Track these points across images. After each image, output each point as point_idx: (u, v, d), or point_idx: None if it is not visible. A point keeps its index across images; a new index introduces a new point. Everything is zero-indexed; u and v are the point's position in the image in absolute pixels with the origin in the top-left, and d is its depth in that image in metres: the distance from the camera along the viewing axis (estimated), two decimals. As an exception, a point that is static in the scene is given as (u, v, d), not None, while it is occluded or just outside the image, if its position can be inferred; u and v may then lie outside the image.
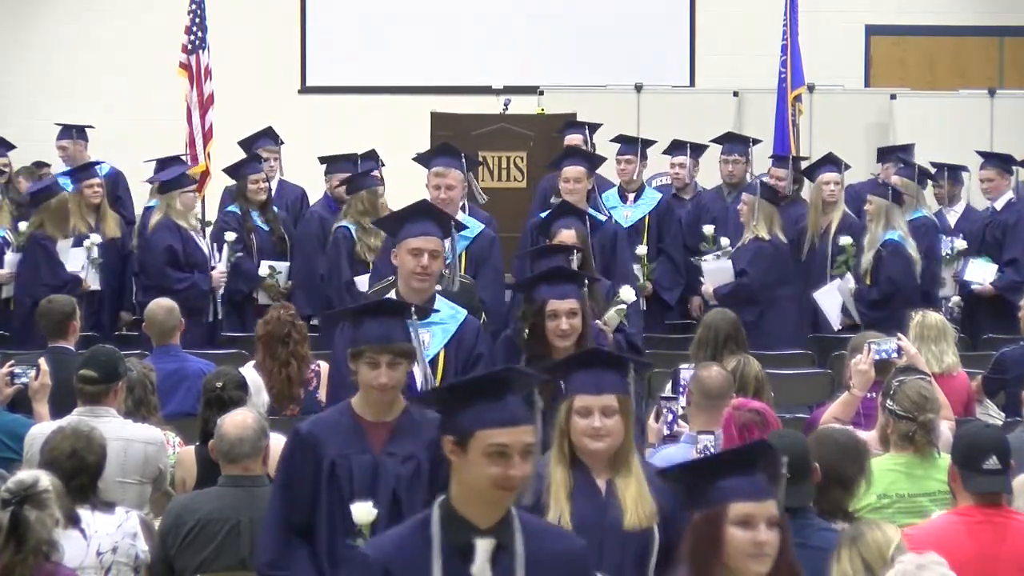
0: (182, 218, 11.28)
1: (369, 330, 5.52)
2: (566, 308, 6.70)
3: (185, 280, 11.09)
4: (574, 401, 5.13)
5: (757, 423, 6.05)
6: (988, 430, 5.82)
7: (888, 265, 10.99)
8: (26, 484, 4.87)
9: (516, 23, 17.47)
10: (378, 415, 5.51)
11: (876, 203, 11.07)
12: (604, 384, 5.14)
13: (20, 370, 7.87)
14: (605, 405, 5.11)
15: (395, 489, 5.43)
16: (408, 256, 6.70)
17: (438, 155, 9.18)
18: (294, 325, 8.54)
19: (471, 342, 6.85)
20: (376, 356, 5.46)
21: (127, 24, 17.31)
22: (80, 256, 11.53)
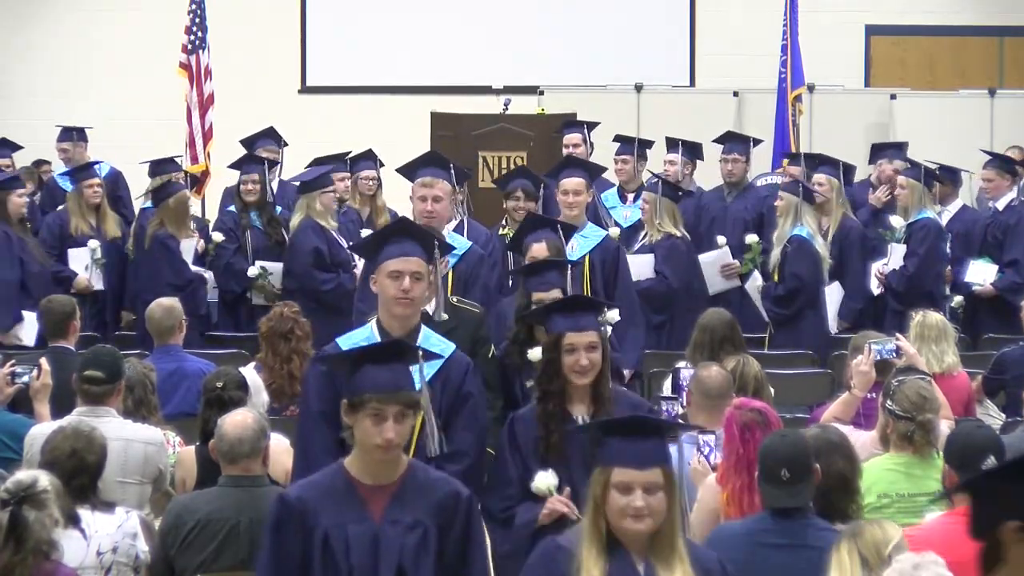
0: (323, 218, 11.18)
1: (373, 376, 4.77)
2: (585, 342, 5.99)
3: (331, 280, 11.05)
4: (612, 474, 4.51)
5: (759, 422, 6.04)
6: (982, 430, 5.81)
7: (793, 261, 10.96)
8: (25, 484, 4.87)
9: (516, 23, 17.48)
10: (378, 477, 4.80)
11: (786, 199, 11.05)
12: (648, 456, 4.53)
13: (21, 370, 7.87)
14: (649, 481, 4.50)
15: (400, 562, 4.76)
16: (387, 280, 5.98)
17: (424, 165, 8.61)
18: (297, 322, 8.58)
19: (458, 380, 6.04)
20: (382, 407, 4.72)
21: (127, 24, 17.31)
22: (83, 257, 11.57)
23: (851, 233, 11.52)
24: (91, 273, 11.59)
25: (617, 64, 16.88)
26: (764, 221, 11.86)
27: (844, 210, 11.60)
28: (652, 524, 4.51)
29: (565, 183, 9.72)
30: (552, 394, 6.02)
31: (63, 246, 11.70)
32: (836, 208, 11.54)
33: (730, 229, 11.92)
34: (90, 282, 11.60)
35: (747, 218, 11.98)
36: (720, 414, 6.42)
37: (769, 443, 5.66)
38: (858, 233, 11.57)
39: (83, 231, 11.68)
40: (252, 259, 11.52)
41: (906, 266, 11.46)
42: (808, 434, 5.93)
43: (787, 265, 10.97)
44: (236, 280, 11.56)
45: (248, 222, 11.68)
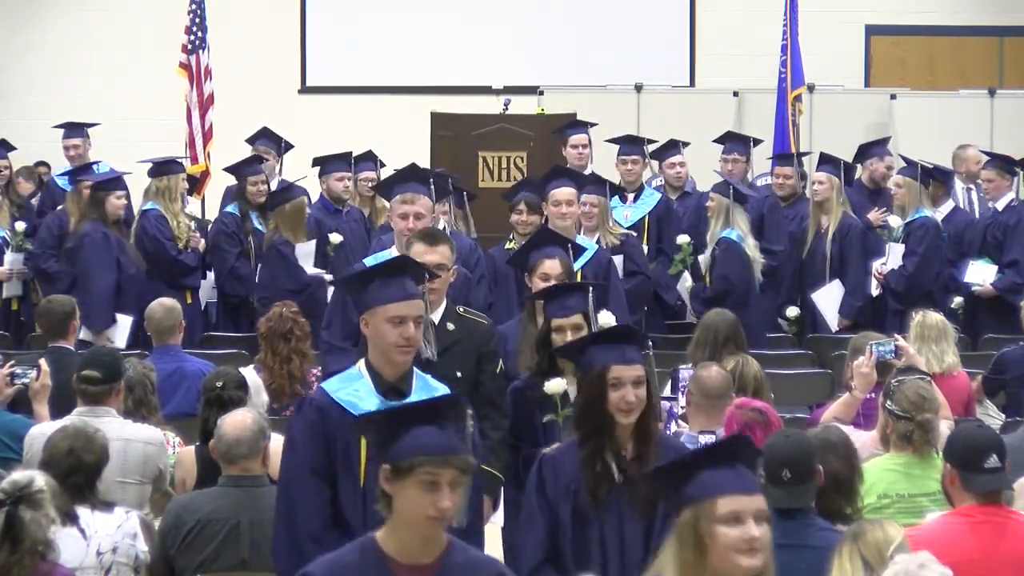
0: None
1: (424, 438, 4.13)
2: (632, 376, 5.39)
3: None
4: (716, 506, 3.98)
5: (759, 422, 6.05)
6: (982, 430, 5.80)
7: (722, 264, 10.94)
8: (20, 484, 4.87)
9: (516, 23, 17.47)
10: (416, 555, 4.15)
11: (717, 200, 11.01)
12: (752, 482, 4.06)
13: (21, 370, 7.87)
14: (759, 509, 4.00)
15: None
16: (387, 325, 5.46)
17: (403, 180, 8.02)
18: (296, 322, 8.58)
19: None
20: (436, 472, 4.10)
21: (127, 24, 17.31)
22: None
23: (851, 231, 11.51)
24: None
25: (617, 64, 16.87)
26: (764, 221, 11.86)
27: (844, 208, 11.60)
28: (763, 559, 4.00)
29: (556, 193, 9.30)
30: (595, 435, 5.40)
31: (62, 247, 11.69)
32: (836, 207, 11.54)
33: None
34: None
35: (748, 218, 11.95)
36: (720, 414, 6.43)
37: (772, 443, 5.66)
38: (858, 231, 11.56)
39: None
40: (255, 262, 11.53)
41: (905, 266, 11.45)
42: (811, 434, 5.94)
43: (716, 267, 10.96)
44: (242, 285, 11.55)
45: (251, 224, 11.69)
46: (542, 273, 7.50)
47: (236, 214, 11.76)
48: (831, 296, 11.42)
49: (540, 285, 7.37)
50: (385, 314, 5.44)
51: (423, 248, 6.73)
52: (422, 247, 6.74)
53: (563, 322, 6.65)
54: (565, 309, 6.70)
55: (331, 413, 5.46)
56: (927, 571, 4.23)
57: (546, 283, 7.35)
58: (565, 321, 6.65)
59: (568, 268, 7.60)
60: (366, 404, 5.40)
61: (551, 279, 7.41)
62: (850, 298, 11.47)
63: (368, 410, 5.22)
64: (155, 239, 11.56)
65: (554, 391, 6.53)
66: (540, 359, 6.74)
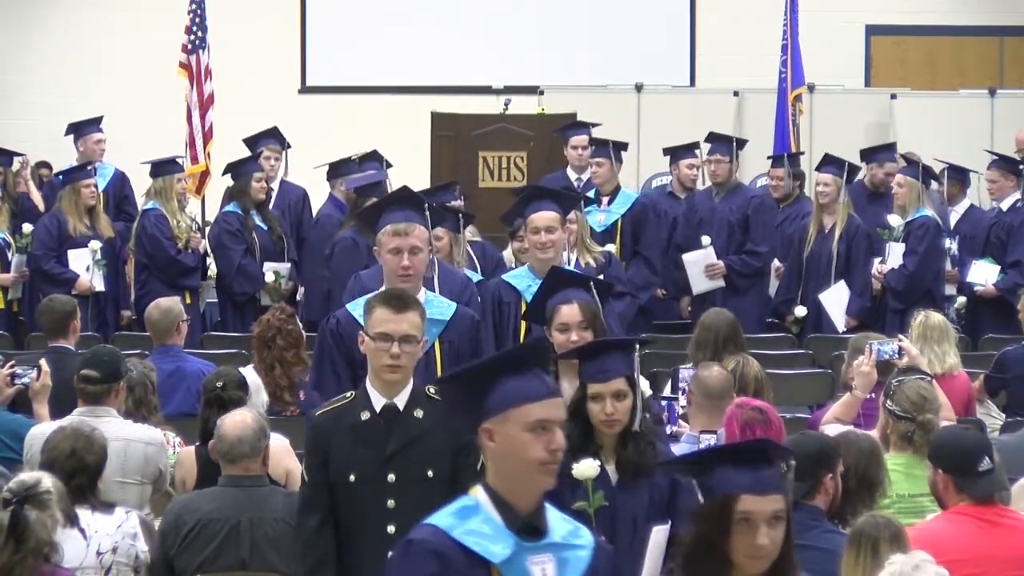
0: None
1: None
2: (769, 511, 3.98)
3: None
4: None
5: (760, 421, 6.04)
6: (969, 433, 5.82)
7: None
8: (28, 484, 4.88)
9: (516, 23, 17.47)
10: None
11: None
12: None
13: (21, 371, 7.87)
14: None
15: None
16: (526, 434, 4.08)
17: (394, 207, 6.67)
18: (280, 330, 8.48)
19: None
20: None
21: (127, 24, 17.30)
22: (85, 258, 11.58)
23: (858, 232, 11.51)
24: (92, 274, 11.61)
25: (617, 64, 16.87)
26: (749, 222, 11.85)
27: (849, 209, 11.59)
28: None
29: (535, 219, 7.86)
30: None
31: (61, 247, 11.69)
32: (841, 207, 11.54)
33: (716, 230, 11.90)
34: (92, 283, 11.61)
35: (732, 219, 11.94)
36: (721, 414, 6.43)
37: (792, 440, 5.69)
38: (864, 231, 11.55)
39: (81, 232, 11.68)
40: (260, 260, 11.56)
41: (905, 265, 11.45)
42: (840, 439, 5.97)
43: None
44: (249, 282, 11.58)
45: (253, 222, 11.70)
46: (559, 323, 6.44)
47: (239, 212, 11.76)
48: (838, 297, 11.43)
49: (559, 339, 6.36)
50: (525, 418, 3.88)
51: (387, 315, 5.42)
52: (386, 314, 5.43)
53: (601, 388, 5.53)
54: (604, 372, 5.57)
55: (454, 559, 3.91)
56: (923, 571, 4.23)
57: (564, 334, 6.37)
58: (604, 388, 5.53)
59: (592, 313, 6.49)
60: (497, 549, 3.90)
61: (570, 329, 6.42)
62: (859, 299, 11.47)
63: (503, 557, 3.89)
64: (154, 238, 11.58)
65: (585, 475, 5.41)
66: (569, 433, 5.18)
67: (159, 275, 11.64)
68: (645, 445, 5.53)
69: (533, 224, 7.87)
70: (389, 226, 6.47)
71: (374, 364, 5.43)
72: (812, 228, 11.64)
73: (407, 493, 5.32)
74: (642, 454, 5.51)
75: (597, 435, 5.52)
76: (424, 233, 6.50)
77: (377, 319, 5.44)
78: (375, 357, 5.42)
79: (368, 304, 5.58)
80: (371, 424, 5.40)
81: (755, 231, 11.84)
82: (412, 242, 6.42)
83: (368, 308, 5.54)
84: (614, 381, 5.53)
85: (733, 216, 11.92)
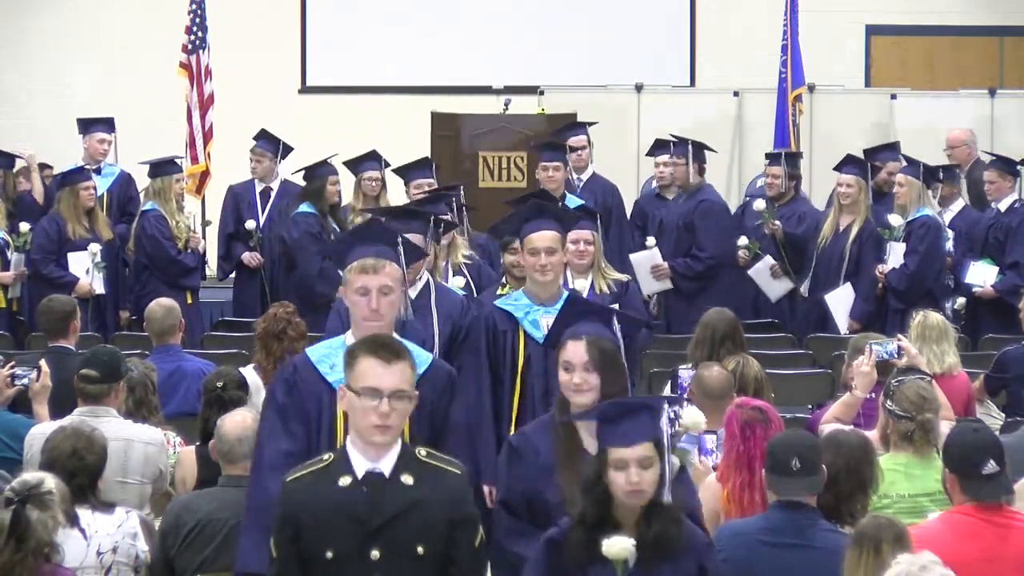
0: None
1: None
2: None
3: None
4: None
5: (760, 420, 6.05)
6: (978, 433, 5.80)
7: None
8: (30, 484, 4.89)
9: (516, 23, 17.46)
10: None
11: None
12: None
13: (21, 371, 7.87)
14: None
15: None
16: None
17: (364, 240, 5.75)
18: (290, 323, 8.54)
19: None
20: None
21: (127, 24, 17.30)
22: (84, 260, 11.59)
23: (871, 236, 11.52)
24: (92, 277, 11.62)
25: (617, 64, 16.86)
26: (695, 226, 11.84)
27: (868, 212, 11.59)
28: None
29: (534, 239, 7.20)
30: None
31: (61, 250, 11.69)
32: (863, 209, 11.55)
33: (667, 231, 11.92)
34: (91, 286, 11.62)
35: (681, 223, 11.92)
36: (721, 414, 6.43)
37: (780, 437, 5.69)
38: (875, 236, 11.56)
39: (80, 234, 11.69)
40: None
41: (907, 264, 11.46)
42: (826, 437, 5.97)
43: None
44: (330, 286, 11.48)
45: (330, 224, 11.74)
46: (563, 360, 5.60)
47: (316, 214, 11.75)
48: (843, 298, 11.45)
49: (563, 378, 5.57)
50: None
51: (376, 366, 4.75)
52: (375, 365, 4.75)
53: (626, 455, 4.89)
54: (628, 436, 4.91)
55: None
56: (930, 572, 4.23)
57: (567, 373, 5.54)
58: (628, 453, 4.89)
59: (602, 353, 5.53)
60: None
61: (574, 369, 5.53)
62: (863, 302, 11.47)
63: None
64: (154, 239, 11.60)
65: (618, 556, 4.84)
66: (588, 505, 4.93)
67: (159, 275, 11.66)
68: (671, 521, 4.92)
69: (531, 244, 7.19)
70: (356, 262, 5.57)
71: (359, 423, 4.74)
72: (828, 227, 11.64)
73: (393, 572, 4.70)
74: (667, 531, 4.89)
75: (616, 508, 4.88)
76: (396, 271, 5.60)
77: (363, 371, 4.75)
78: (361, 416, 4.73)
79: (351, 353, 4.84)
80: (352, 492, 4.71)
81: (700, 235, 11.88)
82: (382, 280, 5.52)
83: (351, 358, 4.81)
84: (640, 446, 4.88)
85: (683, 219, 11.91)
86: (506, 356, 7.23)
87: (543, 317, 7.11)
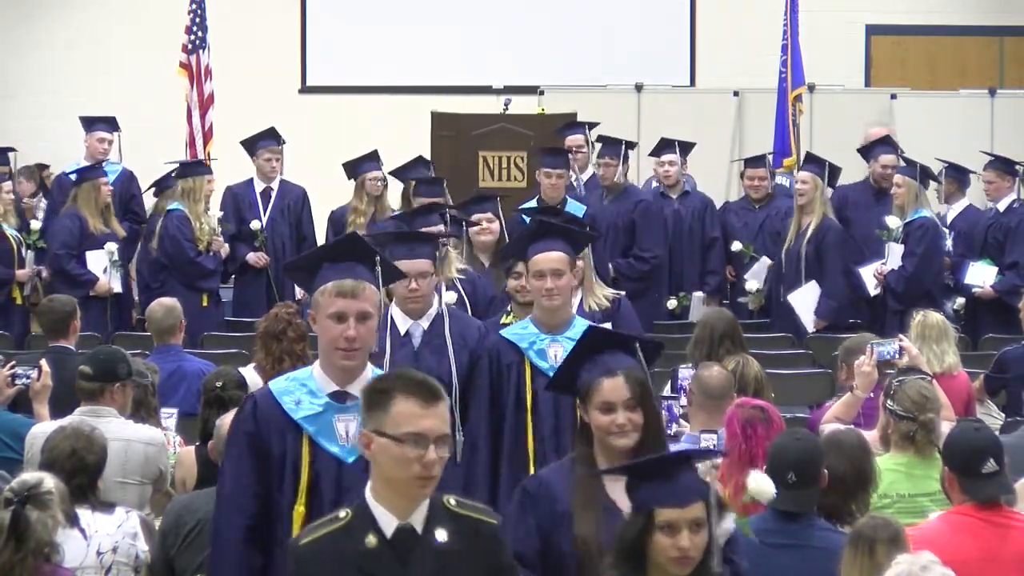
0: None
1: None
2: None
3: None
4: None
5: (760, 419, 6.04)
6: (979, 433, 5.80)
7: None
8: (29, 484, 4.89)
9: (516, 23, 17.46)
10: None
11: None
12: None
13: (22, 371, 7.87)
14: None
15: None
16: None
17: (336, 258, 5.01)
18: (291, 323, 8.53)
19: None
20: None
21: (127, 24, 17.30)
22: (102, 259, 11.59)
23: (828, 234, 11.53)
24: (109, 276, 11.63)
25: (617, 64, 16.86)
26: (636, 227, 11.83)
27: (825, 210, 11.59)
28: None
29: (539, 261, 6.67)
30: None
31: (82, 246, 11.69)
32: (818, 207, 11.55)
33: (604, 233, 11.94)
34: (110, 285, 11.63)
35: (619, 223, 11.91)
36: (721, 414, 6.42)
37: (780, 443, 5.68)
38: (836, 233, 11.57)
39: (100, 230, 11.71)
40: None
41: (904, 266, 11.47)
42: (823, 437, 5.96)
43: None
44: None
45: None
46: (602, 402, 4.98)
47: None
48: (807, 297, 11.47)
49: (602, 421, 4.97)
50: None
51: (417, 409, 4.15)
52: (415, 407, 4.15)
53: (677, 516, 4.35)
54: (680, 495, 4.38)
55: None
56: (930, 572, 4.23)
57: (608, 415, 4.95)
58: (680, 515, 4.35)
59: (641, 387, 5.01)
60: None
61: (616, 409, 4.94)
62: (827, 299, 11.50)
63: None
64: (175, 239, 11.62)
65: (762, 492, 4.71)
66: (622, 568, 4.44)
67: (178, 276, 11.67)
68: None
69: (537, 267, 6.64)
70: (331, 284, 4.89)
71: (396, 475, 4.14)
72: (792, 228, 11.67)
73: None
74: None
75: None
76: (375, 295, 4.93)
77: (403, 414, 4.14)
78: (400, 466, 4.12)
79: (382, 392, 4.20)
80: (380, 554, 4.15)
81: (642, 235, 11.86)
82: (361, 306, 4.85)
83: (381, 397, 4.18)
84: (695, 505, 4.33)
85: (620, 220, 11.90)
86: (510, 389, 6.73)
87: (551, 346, 6.66)
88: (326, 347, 4.90)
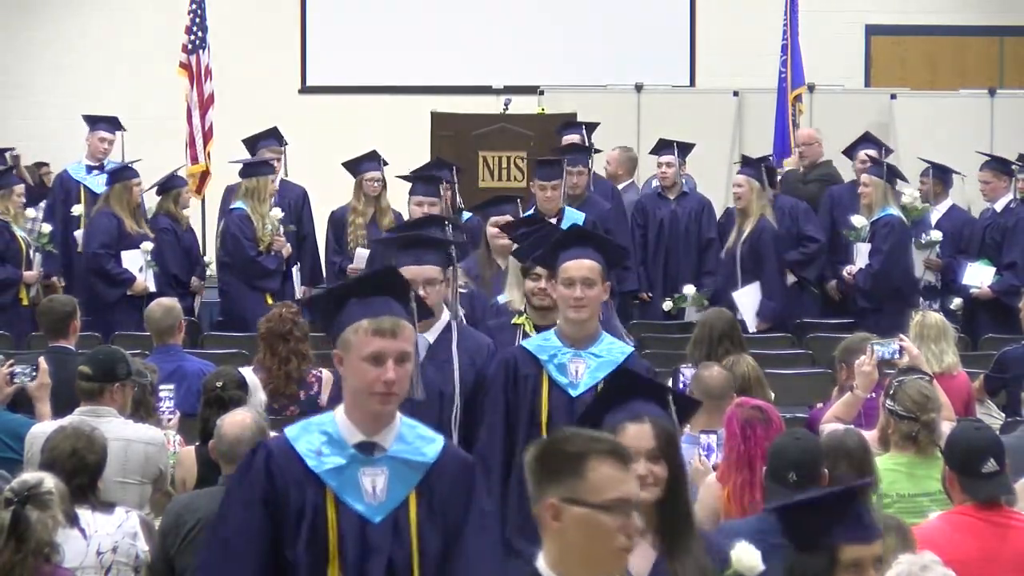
0: None
1: None
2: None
3: None
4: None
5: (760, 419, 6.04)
6: (980, 432, 5.80)
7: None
8: (29, 484, 4.89)
9: (516, 23, 17.48)
10: None
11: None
12: None
13: (20, 369, 7.87)
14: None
15: None
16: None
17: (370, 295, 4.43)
18: (295, 323, 8.55)
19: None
20: None
21: (127, 24, 17.31)
22: (138, 259, 11.60)
23: (764, 234, 11.54)
24: (145, 275, 11.65)
25: (617, 64, 16.88)
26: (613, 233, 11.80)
27: (763, 211, 11.58)
28: None
29: (570, 268, 6.29)
30: None
31: (118, 247, 11.69)
32: (755, 210, 11.55)
33: None
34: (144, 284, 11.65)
35: None
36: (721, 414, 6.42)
37: (781, 443, 5.67)
38: (772, 234, 11.58)
39: (135, 230, 11.72)
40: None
41: (871, 264, 11.51)
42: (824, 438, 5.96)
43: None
44: None
45: None
46: None
47: None
48: (750, 297, 11.49)
49: None
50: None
51: (619, 471, 3.69)
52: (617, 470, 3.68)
53: (863, 554, 4.17)
54: (863, 531, 4.23)
55: None
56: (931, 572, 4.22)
57: None
58: (866, 552, 4.18)
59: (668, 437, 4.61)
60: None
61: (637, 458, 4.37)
62: (768, 301, 11.51)
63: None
64: (235, 238, 11.61)
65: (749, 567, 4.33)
66: None
67: (239, 275, 11.68)
68: None
69: (567, 273, 6.23)
70: (366, 321, 4.34)
71: (599, 548, 3.64)
72: (735, 230, 11.67)
73: None
74: None
75: None
76: (413, 335, 4.47)
77: (605, 479, 3.65)
78: (605, 539, 3.61)
79: (576, 456, 3.68)
80: None
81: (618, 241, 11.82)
82: (401, 346, 4.34)
83: (575, 462, 3.66)
84: (877, 542, 4.18)
85: None
86: (525, 403, 6.31)
87: (573, 361, 6.27)
88: (359, 391, 4.32)
